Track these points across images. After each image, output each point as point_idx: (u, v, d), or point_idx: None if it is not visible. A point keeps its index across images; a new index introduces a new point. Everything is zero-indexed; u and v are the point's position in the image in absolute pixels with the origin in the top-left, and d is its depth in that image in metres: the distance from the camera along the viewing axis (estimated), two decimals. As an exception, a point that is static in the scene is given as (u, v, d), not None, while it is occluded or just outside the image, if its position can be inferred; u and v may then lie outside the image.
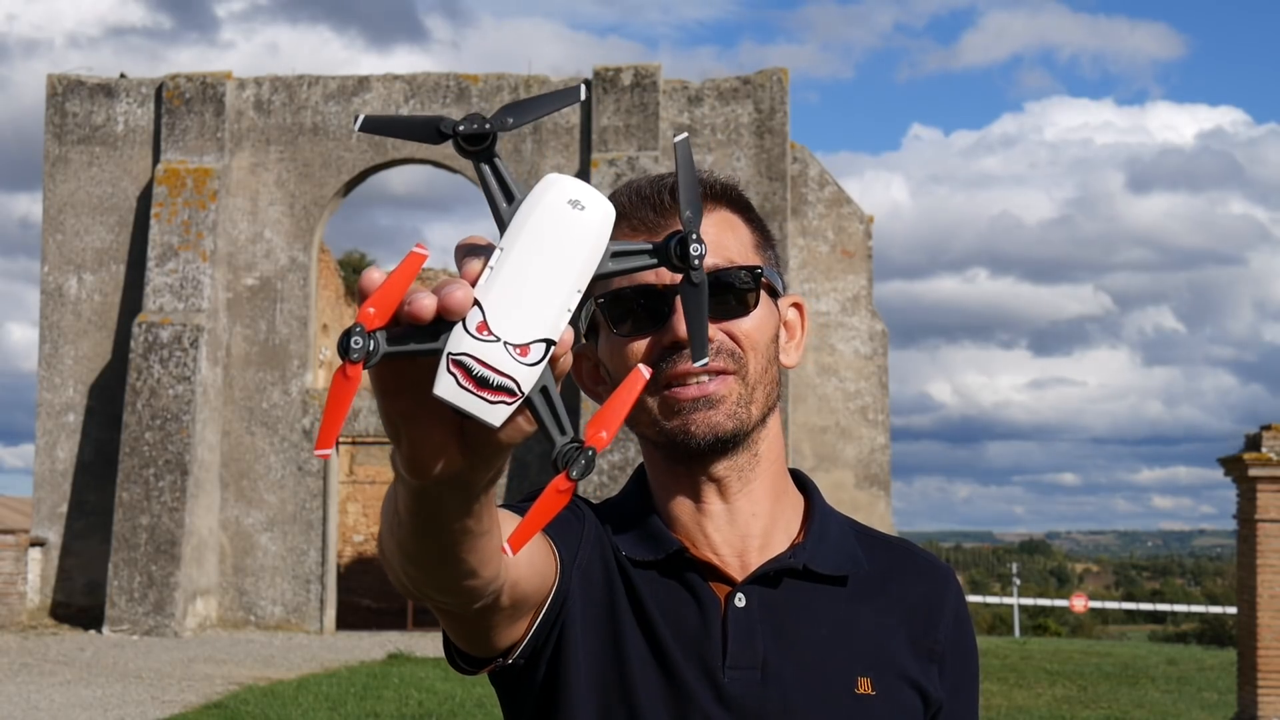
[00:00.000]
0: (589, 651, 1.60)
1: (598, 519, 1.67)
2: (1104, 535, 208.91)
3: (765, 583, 1.64)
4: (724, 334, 1.61)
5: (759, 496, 1.66)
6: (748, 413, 1.62)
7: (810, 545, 1.66)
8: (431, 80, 22.46)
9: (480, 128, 1.03)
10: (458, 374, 0.99)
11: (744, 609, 1.62)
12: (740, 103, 22.15)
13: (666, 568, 1.64)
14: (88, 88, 22.76)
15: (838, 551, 1.67)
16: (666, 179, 1.66)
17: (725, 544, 1.65)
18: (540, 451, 21.67)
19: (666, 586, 1.63)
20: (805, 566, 1.64)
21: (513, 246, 1.01)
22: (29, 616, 21.56)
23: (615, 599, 1.63)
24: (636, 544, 1.65)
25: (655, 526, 1.66)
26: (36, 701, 13.57)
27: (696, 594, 1.63)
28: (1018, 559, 60.36)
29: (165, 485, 20.82)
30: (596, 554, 1.63)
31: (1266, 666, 11.77)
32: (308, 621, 21.80)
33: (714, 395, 1.60)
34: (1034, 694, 16.66)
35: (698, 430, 1.60)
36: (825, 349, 22.90)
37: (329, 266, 27.66)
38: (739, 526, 1.65)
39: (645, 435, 1.66)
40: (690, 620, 1.62)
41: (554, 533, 1.58)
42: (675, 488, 1.66)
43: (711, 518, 1.65)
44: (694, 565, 1.64)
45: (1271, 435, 11.75)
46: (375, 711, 13.15)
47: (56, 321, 22.37)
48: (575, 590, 1.59)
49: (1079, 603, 33.78)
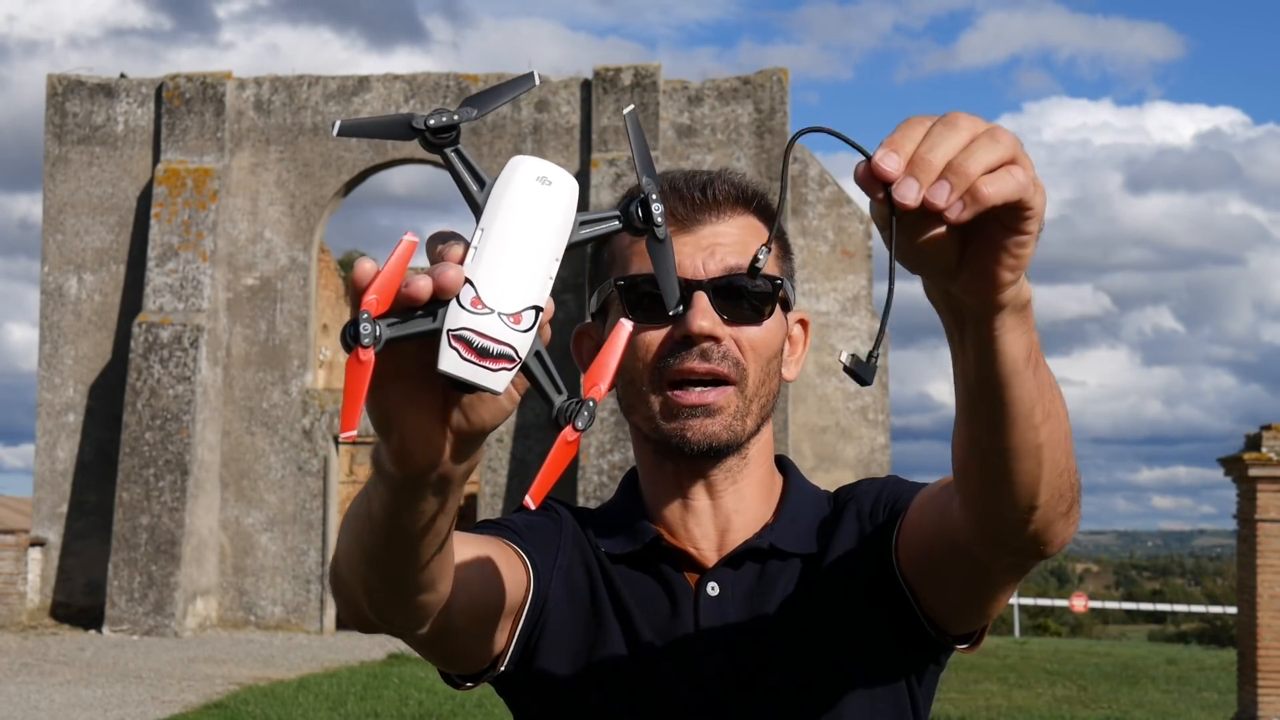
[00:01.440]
0: (572, 647, 1.64)
1: (577, 521, 1.72)
2: (1104, 535, 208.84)
3: (734, 565, 1.65)
4: (732, 339, 1.62)
5: (745, 494, 1.68)
6: (743, 425, 1.63)
7: (780, 525, 1.67)
8: (431, 80, 22.46)
9: (449, 120, 1.11)
10: (459, 348, 1.06)
11: (716, 597, 1.64)
12: (740, 103, 22.15)
13: (642, 558, 1.67)
14: (88, 88, 22.76)
15: (809, 530, 1.68)
16: (700, 176, 1.68)
17: (705, 537, 1.67)
18: (540, 451, 21.68)
19: (642, 578, 1.67)
20: (772, 545, 1.66)
21: (492, 224, 1.09)
22: (29, 616, 21.56)
23: (596, 595, 1.67)
24: (615, 539, 1.69)
25: (636, 522, 1.69)
26: (36, 701, 13.57)
27: (670, 582, 1.66)
28: (1018, 559, 60.24)
29: (165, 485, 20.82)
30: (577, 555, 1.69)
31: (1266, 666, 11.77)
32: (308, 621, 21.80)
33: (713, 405, 1.61)
34: (1034, 694, 16.66)
35: (693, 437, 1.62)
36: (825, 349, 22.90)
37: (329, 266, 27.66)
38: (721, 521, 1.67)
39: (639, 428, 1.67)
40: (664, 609, 1.65)
41: (531, 540, 1.65)
42: (663, 482, 1.68)
43: (696, 513, 1.67)
44: (668, 555, 1.67)
45: (1271, 435, 11.75)
46: (375, 711, 13.15)
47: (56, 321, 22.38)
48: (557, 591, 1.64)
49: (1079, 603, 33.77)
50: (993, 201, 1.12)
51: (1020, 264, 1.17)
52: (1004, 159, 1.13)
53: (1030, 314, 1.24)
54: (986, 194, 1.11)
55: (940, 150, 1.12)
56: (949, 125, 1.13)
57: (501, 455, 21.85)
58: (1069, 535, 1.42)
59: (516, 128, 22.22)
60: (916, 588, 1.58)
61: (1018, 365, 1.24)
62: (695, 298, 1.60)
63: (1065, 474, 1.35)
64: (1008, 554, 1.43)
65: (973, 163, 1.12)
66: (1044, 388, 1.29)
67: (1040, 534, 1.38)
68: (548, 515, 1.70)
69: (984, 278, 1.18)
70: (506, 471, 21.82)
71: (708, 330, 1.60)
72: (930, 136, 1.13)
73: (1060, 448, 1.33)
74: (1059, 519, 1.38)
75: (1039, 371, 1.28)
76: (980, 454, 1.33)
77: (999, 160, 1.13)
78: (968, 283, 1.19)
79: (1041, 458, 1.32)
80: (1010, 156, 1.13)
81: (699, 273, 1.62)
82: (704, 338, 1.60)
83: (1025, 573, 1.49)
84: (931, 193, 1.11)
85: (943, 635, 1.60)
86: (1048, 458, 1.32)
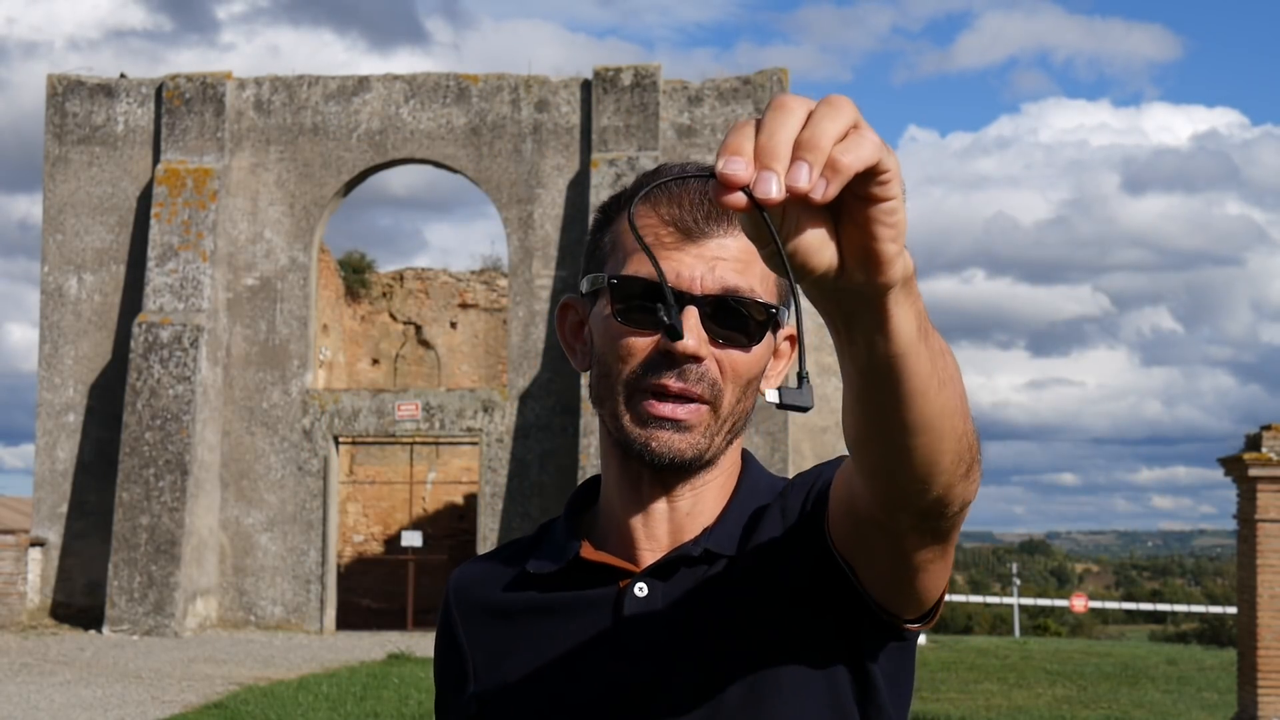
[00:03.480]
0: (497, 686, 1.69)
1: (469, 583, 1.76)
2: (1104, 535, 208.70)
3: (663, 574, 1.63)
4: (714, 360, 1.59)
5: (705, 498, 1.66)
6: (710, 443, 1.61)
7: (719, 528, 1.65)
8: (431, 80, 22.46)
9: None
10: None
11: (643, 598, 1.62)
12: (740, 103, 22.15)
13: (566, 575, 1.66)
14: (88, 88, 22.76)
15: (735, 526, 1.65)
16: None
17: (660, 538, 1.65)
18: (541, 451, 21.71)
19: (566, 596, 1.66)
20: (705, 550, 1.63)
21: None
22: (29, 616, 21.56)
23: (513, 630, 1.70)
24: (542, 560, 1.70)
25: (562, 541, 1.69)
26: (36, 701, 13.57)
27: (593, 593, 1.65)
28: (1018, 559, 60.38)
29: (165, 485, 20.82)
30: (476, 619, 1.73)
31: (1266, 666, 11.76)
32: (308, 621, 21.80)
33: (684, 421, 1.58)
34: (1034, 694, 16.67)
35: (658, 449, 1.59)
36: (825, 349, 22.90)
37: (329, 266, 27.65)
38: (677, 524, 1.65)
39: (607, 427, 1.65)
40: (586, 621, 1.64)
41: (456, 700, 1.74)
42: (623, 479, 1.66)
43: (653, 515, 1.65)
44: (590, 568, 1.65)
45: (1271, 435, 11.75)
46: (375, 711, 13.15)
47: (56, 321, 22.38)
48: (481, 673, 1.71)
49: (1079, 603, 33.76)
50: (854, 168, 1.08)
51: (899, 232, 1.13)
52: (849, 125, 1.10)
53: (915, 284, 1.21)
54: (845, 162, 1.08)
55: (781, 135, 1.09)
56: (779, 109, 1.11)
57: (502, 455, 21.84)
58: (972, 495, 1.40)
59: (516, 128, 22.22)
60: (854, 565, 1.54)
61: (912, 340, 1.22)
62: (686, 313, 1.56)
63: (964, 437, 1.33)
64: (911, 518, 1.40)
65: (821, 135, 1.08)
66: (936, 355, 1.27)
67: (942, 497, 1.37)
68: (445, 638, 1.77)
69: (869, 259, 1.13)
70: (506, 472, 21.82)
71: (692, 350, 1.56)
72: (766, 126, 1.10)
73: (958, 413, 1.31)
74: (959, 481, 1.36)
75: (930, 340, 1.25)
76: (878, 432, 1.31)
77: (845, 127, 1.09)
78: (854, 270, 1.15)
79: (941, 426, 1.30)
80: (854, 121, 1.10)
81: (695, 286, 1.57)
82: (687, 358, 1.57)
83: (939, 537, 1.45)
84: (791, 178, 1.08)
85: (890, 616, 1.55)
86: (947, 425, 1.30)
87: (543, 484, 21.64)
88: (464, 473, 28.70)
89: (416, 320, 29.80)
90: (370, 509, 29.47)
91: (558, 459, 21.58)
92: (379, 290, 29.92)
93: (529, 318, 21.96)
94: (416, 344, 29.78)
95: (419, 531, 25.47)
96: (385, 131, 22.35)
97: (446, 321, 29.86)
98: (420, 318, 29.82)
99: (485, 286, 29.95)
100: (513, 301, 22.10)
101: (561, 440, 21.59)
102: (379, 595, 27.84)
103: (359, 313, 29.71)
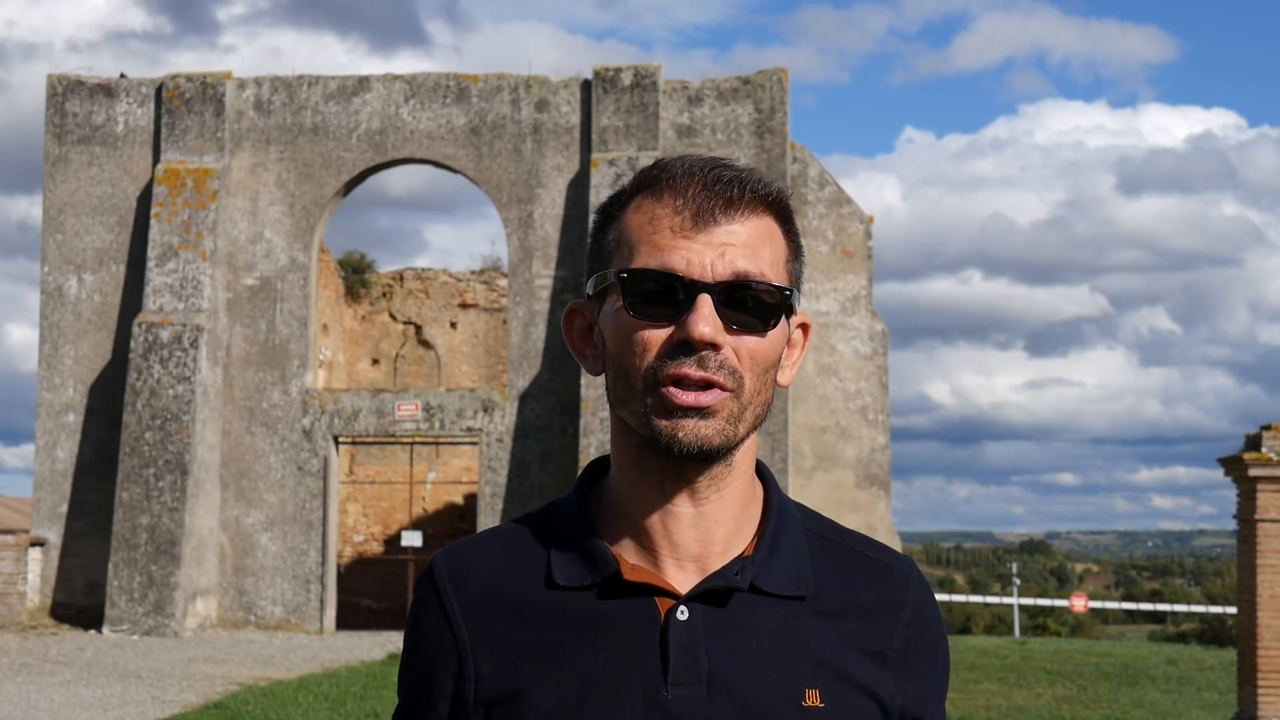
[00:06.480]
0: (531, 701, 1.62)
1: (474, 579, 1.67)
2: (1104, 535, 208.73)
3: (709, 600, 1.61)
4: (731, 348, 1.58)
5: (728, 503, 1.63)
6: (735, 430, 1.59)
7: (760, 558, 1.63)
8: (431, 80, 22.46)
9: None
10: None
11: (686, 622, 1.59)
12: (740, 103, 22.15)
13: (603, 589, 1.62)
14: (88, 88, 22.76)
15: (788, 564, 1.64)
16: (727, 173, 1.63)
17: (685, 546, 1.62)
18: (541, 451, 21.71)
19: (598, 609, 1.61)
20: (751, 585, 1.61)
21: None
22: (29, 616, 21.56)
23: (541, 637, 1.63)
24: (572, 566, 1.64)
25: (594, 546, 1.63)
26: (36, 701, 13.57)
27: (634, 613, 1.60)
28: (1018, 559, 60.43)
29: (165, 485, 20.82)
30: (447, 648, 1.66)
31: (1266, 666, 11.76)
32: (308, 621, 21.80)
33: (708, 408, 1.57)
34: (1034, 694, 16.66)
35: (685, 439, 1.57)
36: (825, 349, 22.91)
37: (329, 267, 27.65)
38: (704, 530, 1.62)
39: (626, 423, 1.63)
40: (626, 640, 1.60)
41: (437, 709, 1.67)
42: (644, 482, 1.63)
43: (678, 519, 1.62)
44: (631, 586, 1.61)
45: (1271, 435, 11.75)
46: (375, 711, 13.15)
47: (56, 321, 22.38)
48: (487, 676, 1.63)
49: (1079, 603, 33.76)
50: None
51: None
52: None
53: None
54: None
55: None
56: None
57: (501, 455, 21.85)
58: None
59: (516, 128, 22.22)
60: None
61: None
62: (699, 301, 1.55)
63: None
64: None
65: None
66: None
67: None
68: (435, 626, 1.68)
69: None
70: (506, 472, 21.82)
71: (709, 337, 1.55)
72: None
73: None
74: None
75: None
76: None
77: None
78: None
79: None
80: None
81: (706, 273, 1.57)
82: (704, 345, 1.56)
83: None
84: None
85: None
86: None
87: (543, 484, 21.64)
88: (464, 473, 28.70)
89: (416, 320, 29.80)
90: (370, 509, 29.47)
91: (558, 459, 21.59)
92: (379, 290, 29.92)
93: (529, 318, 21.96)
94: (416, 344, 29.78)
95: (419, 531, 25.47)
96: (385, 131, 22.35)
97: (446, 321, 29.86)
98: (420, 318, 29.82)
99: (485, 286, 29.95)
100: (513, 301, 22.09)
101: (561, 440, 21.59)
102: (379, 595, 27.84)
103: (359, 313, 29.72)
